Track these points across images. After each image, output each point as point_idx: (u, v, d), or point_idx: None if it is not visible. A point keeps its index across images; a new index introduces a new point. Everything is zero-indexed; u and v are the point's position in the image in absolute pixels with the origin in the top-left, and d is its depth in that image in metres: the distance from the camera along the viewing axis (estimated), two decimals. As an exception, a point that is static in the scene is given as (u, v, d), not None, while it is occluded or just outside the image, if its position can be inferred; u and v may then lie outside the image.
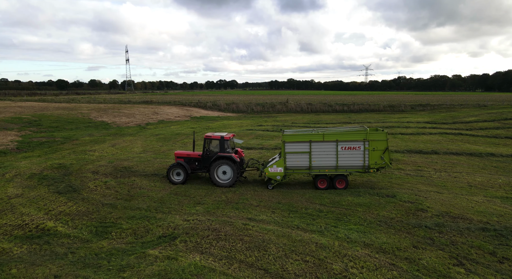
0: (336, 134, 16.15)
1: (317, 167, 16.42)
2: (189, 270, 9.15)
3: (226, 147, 17.27)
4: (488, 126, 37.96)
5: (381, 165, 15.94)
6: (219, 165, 17.09)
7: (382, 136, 15.81)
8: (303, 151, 16.37)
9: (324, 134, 16.17)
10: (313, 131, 17.08)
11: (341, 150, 16.06)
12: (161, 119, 48.34)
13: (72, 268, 9.43)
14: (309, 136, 16.32)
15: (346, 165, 16.22)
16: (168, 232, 11.70)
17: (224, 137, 17.22)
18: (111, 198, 15.19)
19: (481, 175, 18.70)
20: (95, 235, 11.68)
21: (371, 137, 15.77)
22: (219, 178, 17.26)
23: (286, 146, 16.40)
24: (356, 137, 15.92)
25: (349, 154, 16.06)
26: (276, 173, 16.64)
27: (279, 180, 16.74)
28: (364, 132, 15.91)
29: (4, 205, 13.83)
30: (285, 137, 16.42)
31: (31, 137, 29.42)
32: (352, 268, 9.02)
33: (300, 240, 10.73)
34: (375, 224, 11.87)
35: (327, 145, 16.16)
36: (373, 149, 15.82)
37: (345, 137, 16.01)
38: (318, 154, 16.29)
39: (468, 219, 11.91)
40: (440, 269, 8.79)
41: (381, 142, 15.79)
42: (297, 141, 16.36)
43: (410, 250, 9.90)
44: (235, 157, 17.05)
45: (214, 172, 17.17)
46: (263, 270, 9.19)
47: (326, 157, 16.26)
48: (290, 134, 16.63)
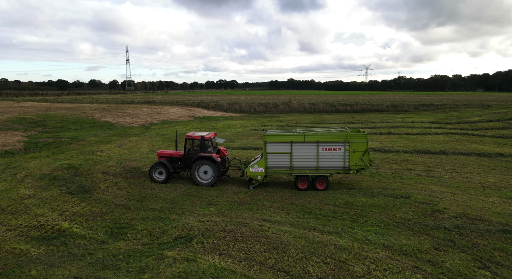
0: (317, 135, 16.29)
1: (298, 167, 16.55)
2: (209, 272, 9.09)
3: (207, 147, 17.38)
4: (493, 126, 37.91)
5: (361, 166, 16.09)
6: (200, 165, 17.22)
7: (362, 138, 15.94)
8: (284, 151, 16.48)
9: (305, 135, 16.28)
10: (295, 131, 17.19)
11: (322, 151, 16.20)
12: (164, 119, 48.28)
13: (92, 269, 9.36)
14: (290, 136, 16.42)
15: (326, 166, 16.36)
16: (184, 233, 11.64)
17: (204, 137, 17.34)
18: (123, 199, 15.13)
19: (493, 175, 18.64)
20: (110, 236, 11.61)
21: (352, 138, 15.92)
22: (200, 178, 17.40)
23: (268, 146, 16.52)
24: (336, 138, 16.05)
25: (330, 155, 16.21)
26: (257, 173, 16.75)
27: (261, 180, 16.85)
28: (344, 134, 16.04)
29: (18, 206, 13.76)
30: (266, 138, 16.53)
31: (37, 138, 29.36)
32: (375, 271, 8.95)
33: (319, 242, 10.66)
34: (392, 226, 11.79)
35: (308, 146, 16.29)
36: (353, 151, 15.96)
37: (326, 138, 16.14)
38: (299, 154, 16.43)
39: (487, 220, 11.84)
40: (465, 272, 8.71)
41: (361, 144, 15.92)
42: (279, 142, 16.46)
43: (432, 252, 9.82)
44: (216, 157, 17.13)
45: (195, 172, 17.31)
46: (284, 272, 9.12)
47: (307, 158, 16.40)
48: (272, 134, 16.73)
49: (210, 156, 17.04)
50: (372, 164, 17.29)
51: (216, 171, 17.00)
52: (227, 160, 18.84)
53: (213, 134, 17.98)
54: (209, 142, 17.62)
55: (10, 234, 11.50)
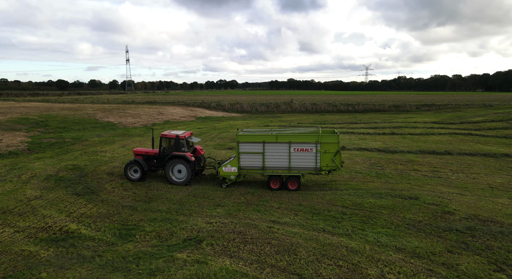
0: (289, 136, 16.32)
1: (270, 167, 16.61)
2: (221, 275, 9.01)
3: (182, 146, 17.46)
4: (496, 126, 37.81)
5: (332, 167, 16.15)
6: (174, 163, 17.32)
7: (333, 139, 15.98)
8: (256, 151, 16.54)
9: (277, 136, 16.34)
10: (269, 132, 17.24)
11: (294, 152, 16.26)
12: (166, 120, 48.17)
13: (102, 271, 9.28)
14: (262, 137, 16.47)
15: (298, 166, 16.43)
16: (193, 235, 11.55)
17: (179, 136, 17.45)
18: (130, 200, 15.04)
19: (500, 176, 18.56)
20: (119, 238, 11.53)
21: (323, 139, 15.97)
22: (175, 177, 17.54)
23: (240, 146, 16.60)
24: (308, 139, 16.10)
25: (302, 156, 16.27)
26: (230, 173, 16.86)
27: (233, 180, 16.98)
28: (316, 135, 16.08)
29: (25, 207, 13.67)
30: (239, 138, 16.61)
31: (40, 138, 29.26)
32: (389, 274, 8.86)
33: (329, 244, 10.58)
34: (403, 227, 11.71)
35: (280, 146, 16.34)
36: (324, 152, 16.01)
37: (297, 139, 16.19)
38: (271, 155, 16.49)
39: (499, 222, 11.76)
40: (481, 276, 8.63)
41: (333, 145, 15.97)
42: (251, 142, 16.52)
43: (446, 255, 9.74)
44: (190, 156, 17.19)
45: (169, 171, 17.42)
46: (296, 275, 9.04)
47: (279, 158, 16.46)
48: (244, 134, 16.80)
49: (184, 155, 17.15)
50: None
51: (189, 170, 17.13)
52: (202, 159, 18.97)
53: (188, 134, 18.12)
54: (184, 141, 17.70)
55: (19, 235, 11.41)
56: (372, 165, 21.10)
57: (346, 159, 22.54)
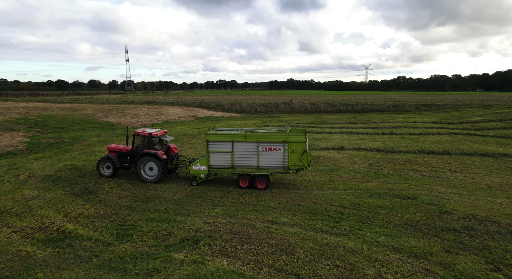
0: (257, 135, 16.45)
1: (239, 166, 16.76)
2: (218, 275, 8.99)
3: (154, 144, 17.65)
4: (495, 126, 37.84)
5: (299, 166, 16.24)
6: (146, 161, 17.50)
7: (301, 139, 16.06)
8: (225, 150, 16.67)
9: (246, 135, 16.45)
10: (239, 131, 17.38)
11: (262, 151, 16.38)
12: (166, 120, 48.18)
13: (99, 272, 9.26)
14: (231, 136, 16.61)
15: (267, 165, 16.55)
16: (190, 235, 11.53)
17: (152, 133, 17.62)
18: (128, 200, 15.02)
19: (498, 176, 18.55)
20: (116, 238, 11.51)
21: (291, 139, 16.06)
22: (146, 174, 17.72)
23: (209, 145, 16.73)
24: (276, 138, 16.21)
25: (270, 155, 16.39)
26: (200, 171, 17.04)
27: (203, 178, 17.17)
28: (283, 134, 16.19)
29: (22, 208, 13.65)
30: (208, 136, 16.77)
31: (39, 138, 29.24)
32: (386, 274, 8.85)
33: (327, 244, 10.57)
34: (401, 227, 11.70)
35: (248, 146, 16.47)
36: (292, 151, 16.10)
37: (265, 138, 16.30)
38: (240, 154, 16.63)
39: (497, 222, 11.75)
40: (478, 275, 8.62)
41: (300, 144, 16.05)
42: (220, 141, 16.65)
43: (443, 255, 9.73)
44: (161, 154, 17.35)
45: (140, 168, 17.59)
46: (294, 275, 9.02)
47: (248, 157, 16.60)
48: (213, 133, 16.97)
49: (155, 153, 17.31)
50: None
51: (160, 168, 17.30)
52: (175, 158, 19.17)
53: (161, 132, 18.33)
54: (157, 139, 17.94)
55: (16, 236, 11.39)
56: (371, 165, 21.09)
57: (345, 159, 22.55)
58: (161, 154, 17.31)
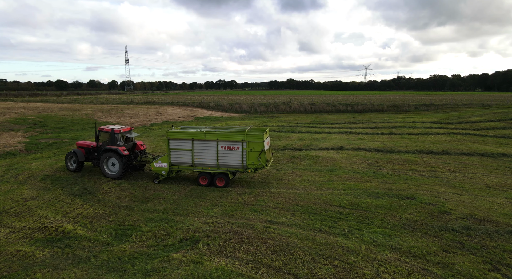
0: (216, 134, 16.68)
1: (199, 164, 17.02)
2: (216, 275, 9.00)
3: (117, 140, 18.00)
4: (494, 126, 37.87)
5: (257, 166, 16.46)
6: (108, 157, 17.89)
7: (258, 138, 16.24)
8: (186, 148, 16.91)
9: (206, 133, 16.70)
10: (200, 129, 17.66)
11: (221, 150, 16.62)
12: (165, 120, 48.16)
13: (97, 272, 9.27)
14: (191, 134, 16.85)
15: (226, 164, 16.80)
16: (189, 235, 11.54)
17: (114, 130, 18.02)
18: (126, 200, 15.03)
19: (497, 176, 18.57)
20: (115, 238, 11.51)
21: (249, 138, 16.29)
22: (109, 170, 18.10)
23: (170, 143, 16.99)
24: (234, 137, 16.45)
25: (229, 154, 16.64)
26: (161, 168, 17.30)
27: (165, 175, 17.43)
28: (242, 133, 16.39)
29: (21, 208, 13.66)
30: (169, 134, 17.06)
31: (38, 138, 29.24)
32: (384, 273, 8.86)
33: (326, 244, 10.57)
34: (399, 227, 11.71)
35: (208, 144, 16.71)
36: (250, 150, 16.33)
37: (224, 137, 16.54)
38: (200, 152, 16.87)
39: (495, 222, 11.77)
40: (476, 275, 8.64)
41: (258, 144, 16.23)
42: (181, 139, 16.88)
43: (441, 254, 9.74)
44: (122, 150, 17.60)
45: (103, 164, 17.99)
46: (292, 275, 9.03)
47: (208, 155, 16.85)
48: (174, 131, 17.29)
49: (116, 148, 17.60)
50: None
51: (121, 164, 17.56)
52: (140, 154, 19.43)
53: (125, 129, 18.69)
54: (119, 135, 18.26)
55: (14, 236, 11.40)
56: (370, 165, 21.11)
57: (344, 159, 22.56)
58: (122, 150, 17.60)
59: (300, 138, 31.90)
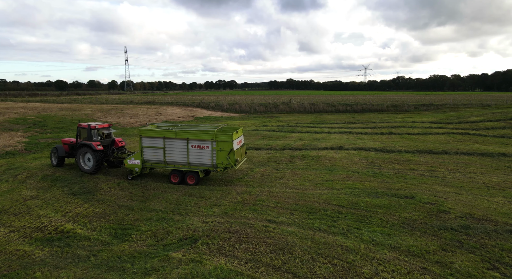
0: (187, 133, 16.85)
1: (171, 162, 17.24)
2: (215, 274, 9.01)
3: (93, 136, 18.68)
4: (494, 126, 37.90)
5: (226, 165, 16.60)
6: (84, 152, 18.54)
7: (227, 138, 16.40)
8: (158, 146, 17.14)
9: (176, 132, 16.90)
10: (172, 128, 17.93)
11: (192, 148, 16.80)
12: (165, 120, 48.17)
13: (97, 271, 9.28)
14: (163, 132, 17.08)
15: (196, 162, 16.97)
16: (189, 234, 11.56)
17: (90, 126, 18.79)
18: (126, 200, 15.04)
19: (496, 175, 18.59)
20: (115, 238, 11.53)
21: (218, 137, 16.44)
22: (85, 164, 18.76)
23: (143, 140, 17.25)
24: (204, 136, 16.59)
25: (199, 152, 16.82)
26: (134, 165, 17.61)
27: (138, 172, 17.71)
28: (212, 133, 16.55)
29: (20, 207, 13.67)
30: (141, 132, 17.37)
31: (38, 138, 29.25)
32: (383, 272, 8.87)
33: (325, 243, 10.59)
34: (398, 226, 11.73)
35: (179, 142, 16.91)
36: (219, 149, 16.47)
37: (195, 136, 16.72)
38: (171, 150, 17.08)
39: (494, 221, 11.78)
40: (475, 274, 8.65)
41: (227, 143, 16.38)
42: (153, 137, 17.10)
43: (440, 253, 9.75)
44: (95, 145, 18.11)
45: (79, 159, 18.69)
46: (291, 273, 9.04)
47: (179, 154, 17.04)
48: (146, 129, 17.58)
49: (90, 143, 18.13)
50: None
51: (95, 159, 18.07)
52: (116, 150, 19.81)
53: (101, 125, 19.44)
54: (95, 131, 18.90)
55: (14, 235, 11.41)
56: (369, 165, 21.12)
57: (343, 159, 22.57)
58: (95, 145, 18.05)
59: (299, 138, 31.91)
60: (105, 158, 19.09)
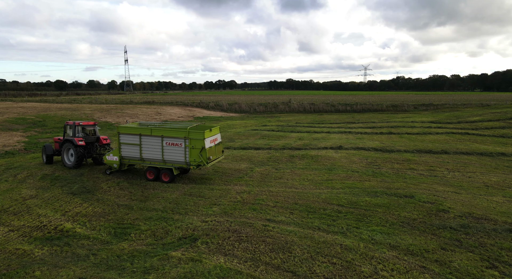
0: (162, 130, 17.04)
1: (147, 159, 17.49)
2: (215, 272, 9.01)
3: (76, 132, 19.50)
4: (493, 126, 37.94)
5: (199, 162, 16.75)
6: (67, 148, 19.31)
7: (199, 136, 16.52)
8: (134, 143, 17.41)
9: (152, 129, 17.11)
10: (149, 125, 18.18)
11: (166, 145, 17.00)
12: (164, 119, 48.17)
13: (96, 270, 9.28)
14: (139, 129, 17.32)
15: (171, 159, 17.17)
16: (188, 233, 11.56)
17: (75, 122, 19.71)
18: (125, 199, 15.04)
19: (496, 175, 18.61)
20: (114, 237, 11.53)
21: (191, 135, 16.59)
22: (68, 160, 19.54)
23: (121, 137, 17.56)
24: (178, 134, 16.77)
25: (173, 150, 17.00)
26: (112, 161, 18.05)
27: (116, 168, 18.21)
28: (185, 130, 16.70)
29: (20, 207, 13.68)
30: (119, 129, 17.66)
31: (37, 138, 29.25)
32: (382, 271, 8.88)
33: (324, 242, 10.59)
34: (398, 225, 11.74)
35: (154, 140, 17.11)
36: (192, 147, 16.61)
37: (169, 133, 16.92)
38: (147, 147, 17.33)
39: (493, 220, 11.80)
40: (474, 272, 8.66)
41: (199, 141, 16.52)
42: (130, 133, 17.38)
43: (439, 252, 9.77)
44: (77, 140, 18.77)
45: (63, 154, 19.51)
46: (290, 272, 9.05)
47: (154, 151, 17.27)
48: (124, 126, 17.82)
49: (71, 139, 19.00)
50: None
51: (76, 154, 18.75)
52: (99, 147, 20.37)
53: (85, 122, 20.20)
54: (80, 127, 19.78)
55: (13, 234, 11.42)
56: (368, 164, 21.14)
57: (343, 158, 22.59)
58: (77, 141, 18.68)
59: (299, 137, 31.93)
60: (88, 154, 19.74)
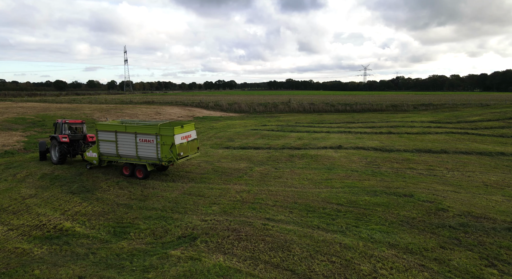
0: (135, 127, 17.34)
1: (124, 155, 17.84)
2: (214, 271, 9.02)
3: (62, 130, 20.28)
4: (493, 126, 37.95)
5: (170, 158, 16.95)
6: (54, 144, 20.11)
7: (169, 132, 16.74)
8: (111, 139, 17.78)
9: (126, 126, 17.44)
10: (131, 123, 18.58)
11: (140, 142, 17.31)
12: (164, 120, 48.17)
13: (95, 269, 9.29)
14: (115, 126, 17.65)
15: (144, 156, 17.47)
16: (187, 232, 11.57)
17: (62, 120, 20.60)
18: (125, 198, 15.05)
19: (495, 174, 18.62)
20: (113, 236, 11.54)
21: (162, 132, 16.84)
22: (54, 156, 20.28)
23: (99, 134, 17.96)
24: (149, 130, 17.06)
25: (146, 146, 17.31)
26: (92, 158, 18.69)
27: (96, 164, 18.81)
28: (156, 127, 16.94)
29: (19, 206, 13.68)
30: (97, 126, 18.12)
31: (37, 138, 29.24)
32: (381, 269, 8.89)
33: (323, 241, 10.60)
34: (397, 224, 11.75)
35: (128, 136, 17.45)
36: (163, 143, 16.86)
37: (141, 130, 17.22)
38: (122, 143, 17.68)
39: (492, 219, 11.81)
40: (473, 271, 8.67)
41: (169, 137, 16.73)
42: (106, 131, 17.74)
43: (438, 250, 9.78)
44: (60, 137, 19.39)
45: (51, 151, 20.38)
46: (289, 271, 9.05)
47: (129, 147, 17.61)
48: (101, 123, 18.25)
49: (56, 136, 19.83)
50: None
51: (59, 151, 19.41)
52: (83, 144, 20.93)
53: (72, 120, 21.04)
54: (66, 125, 20.61)
55: (12, 233, 11.42)
56: (368, 164, 21.14)
57: (343, 158, 22.60)
58: (60, 137, 19.29)
59: (299, 137, 31.93)
60: (73, 151, 20.34)
